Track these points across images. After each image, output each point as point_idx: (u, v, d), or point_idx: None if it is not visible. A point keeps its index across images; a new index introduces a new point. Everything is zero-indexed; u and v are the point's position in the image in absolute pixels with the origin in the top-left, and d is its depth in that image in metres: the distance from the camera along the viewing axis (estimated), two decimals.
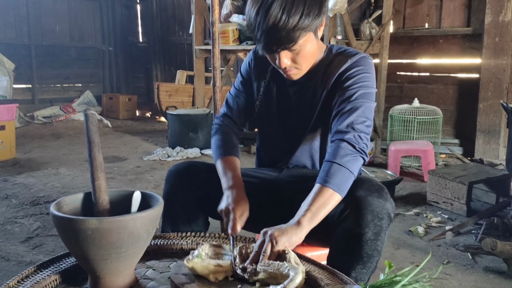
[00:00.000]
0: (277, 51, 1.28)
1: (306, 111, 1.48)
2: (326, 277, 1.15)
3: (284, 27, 1.21)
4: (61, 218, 1.01)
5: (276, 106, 1.54)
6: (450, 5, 4.41)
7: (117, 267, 1.05)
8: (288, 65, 1.33)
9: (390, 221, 1.28)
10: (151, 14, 8.00)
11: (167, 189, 1.52)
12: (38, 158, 4.53)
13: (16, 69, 6.63)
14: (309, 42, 1.30)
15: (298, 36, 1.23)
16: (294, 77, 1.39)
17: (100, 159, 1.13)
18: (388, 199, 1.27)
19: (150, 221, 1.05)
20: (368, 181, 1.30)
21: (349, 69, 1.38)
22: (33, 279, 1.12)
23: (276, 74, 1.51)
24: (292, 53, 1.30)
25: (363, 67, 1.38)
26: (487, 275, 2.09)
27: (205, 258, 1.10)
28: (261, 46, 1.28)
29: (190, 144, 4.74)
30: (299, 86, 1.48)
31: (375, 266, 1.30)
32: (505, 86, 3.95)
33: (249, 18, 1.28)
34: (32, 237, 2.54)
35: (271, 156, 1.63)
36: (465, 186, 2.82)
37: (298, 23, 1.21)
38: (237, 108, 1.61)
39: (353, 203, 1.25)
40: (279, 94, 1.53)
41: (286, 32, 1.21)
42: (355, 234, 1.25)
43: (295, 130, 1.53)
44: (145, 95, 8.37)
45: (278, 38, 1.23)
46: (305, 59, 1.34)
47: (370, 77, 1.38)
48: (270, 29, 1.22)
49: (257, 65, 1.57)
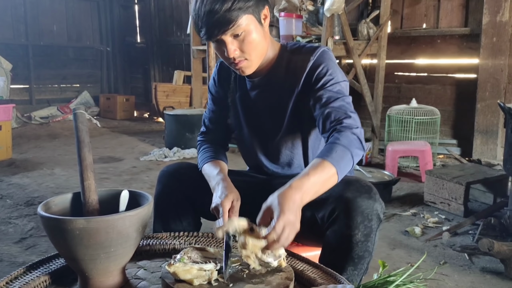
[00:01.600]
0: (219, 35, 1.27)
1: (276, 114, 1.47)
2: (319, 277, 1.14)
3: (219, 9, 1.23)
4: (48, 219, 0.99)
5: (243, 114, 1.53)
6: (447, 5, 4.40)
7: (106, 267, 1.04)
8: (236, 55, 1.31)
9: (379, 222, 1.27)
10: (149, 15, 7.99)
11: (159, 190, 1.51)
12: (34, 158, 4.51)
13: (14, 69, 6.61)
14: (252, 27, 1.29)
15: (236, 17, 1.25)
16: (246, 71, 1.37)
17: (90, 159, 1.12)
18: (377, 200, 1.26)
19: (140, 220, 1.03)
20: (357, 182, 1.29)
21: (315, 68, 1.37)
22: (23, 280, 1.11)
23: (239, 81, 1.52)
24: (237, 40, 1.29)
25: (327, 62, 1.37)
26: (484, 275, 2.08)
27: (188, 262, 1.06)
28: (203, 33, 1.29)
29: (187, 145, 4.73)
30: (260, 89, 1.47)
31: (366, 267, 1.29)
32: (503, 86, 3.94)
33: (192, 11, 1.32)
34: (25, 238, 2.52)
35: (253, 163, 1.62)
36: (463, 186, 2.81)
37: (233, 4, 1.24)
38: (215, 126, 1.63)
39: (342, 205, 1.24)
40: (244, 100, 1.52)
41: (223, 14, 1.23)
42: (345, 236, 1.24)
43: (267, 134, 1.51)
44: (143, 95, 8.35)
45: (216, 20, 1.24)
46: (252, 47, 1.31)
47: (338, 70, 1.38)
48: (207, 14, 1.24)
49: (220, 79, 1.58)
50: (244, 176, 1.60)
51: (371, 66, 4.90)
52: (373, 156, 4.38)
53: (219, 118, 1.61)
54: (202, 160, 1.53)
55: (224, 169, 1.48)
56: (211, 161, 1.50)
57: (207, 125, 1.65)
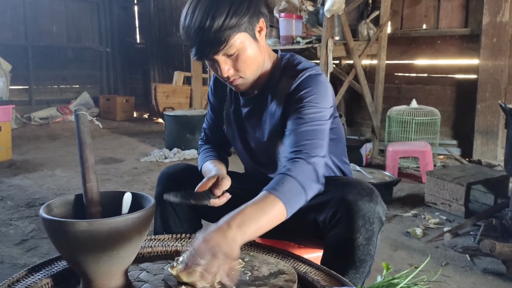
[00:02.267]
0: (210, 56, 1.21)
1: (259, 133, 1.43)
2: (322, 279, 1.14)
3: (210, 28, 1.16)
4: (50, 221, 0.99)
5: (236, 127, 1.51)
6: (447, 5, 4.40)
7: (109, 269, 1.03)
8: (230, 74, 1.26)
9: (381, 225, 1.26)
10: (148, 15, 7.98)
11: (159, 191, 1.50)
12: (34, 159, 4.51)
13: (13, 70, 6.60)
14: (246, 45, 1.23)
15: (227, 37, 1.18)
16: (241, 88, 1.33)
17: (92, 161, 1.11)
18: (379, 202, 1.25)
19: (142, 222, 1.03)
20: (358, 184, 1.28)
21: (297, 91, 1.29)
22: (25, 282, 1.10)
23: (234, 94, 1.48)
24: (231, 59, 1.24)
25: (311, 87, 1.28)
26: (486, 277, 2.08)
27: None
28: (194, 53, 1.23)
29: (187, 146, 4.72)
30: (251, 106, 1.43)
31: (368, 271, 1.29)
32: (503, 86, 3.94)
33: (181, 26, 1.25)
34: (26, 240, 2.51)
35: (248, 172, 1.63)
36: (463, 187, 2.80)
37: (224, 23, 1.16)
38: (214, 135, 1.63)
39: (344, 208, 1.23)
40: (237, 114, 1.49)
41: (214, 34, 1.16)
42: (347, 239, 1.24)
43: (254, 149, 1.50)
44: (142, 96, 8.35)
45: (206, 40, 1.18)
46: (247, 65, 1.26)
47: (320, 96, 1.28)
48: (197, 33, 1.18)
49: (216, 90, 1.56)
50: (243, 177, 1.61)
51: (371, 66, 4.90)
52: (373, 157, 4.38)
53: (216, 127, 1.60)
54: (202, 160, 1.54)
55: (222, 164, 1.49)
56: (210, 160, 1.50)
57: (206, 132, 1.65)
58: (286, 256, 1.27)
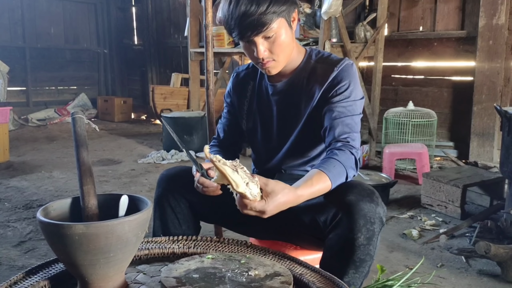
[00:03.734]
0: (252, 36, 1.31)
1: (290, 119, 1.51)
2: (318, 281, 1.15)
3: (254, 12, 1.27)
4: (47, 224, 0.99)
5: (260, 119, 1.58)
6: (444, 8, 4.42)
7: (106, 272, 1.04)
8: (265, 55, 1.36)
9: (382, 225, 1.28)
10: (146, 17, 7.99)
11: (159, 193, 1.52)
12: (31, 161, 4.51)
13: (11, 72, 6.61)
14: (283, 30, 1.34)
15: (270, 20, 1.29)
16: (272, 71, 1.42)
17: (89, 164, 1.12)
18: (380, 204, 1.27)
19: (139, 225, 1.04)
20: (359, 185, 1.31)
21: (337, 82, 1.40)
22: (22, 285, 1.11)
23: (258, 88, 1.57)
24: (268, 41, 1.34)
25: (350, 78, 1.41)
26: (481, 278, 2.09)
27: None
28: (236, 34, 1.33)
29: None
30: (282, 94, 1.51)
31: (368, 271, 1.30)
32: (499, 89, 3.96)
33: (223, 12, 1.34)
34: (24, 241, 2.52)
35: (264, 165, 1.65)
36: (459, 189, 2.82)
37: (268, 7, 1.27)
38: (227, 134, 1.68)
39: (345, 208, 1.25)
40: (262, 106, 1.57)
41: (258, 16, 1.27)
42: (348, 239, 1.25)
43: (277, 138, 1.55)
44: (140, 97, 8.35)
45: (250, 22, 1.28)
46: (281, 49, 1.36)
47: (357, 87, 1.42)
48: (242, 15, 1.28)
49: (237, 89, 1.63)
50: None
51: (368, 68, 4.92)
52: (370, 159, 4.39)
53: (233, 126, 1.67)
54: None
55: None
56: None
57: (220, 132, 1.70)
58: (282, 258, 1.28)
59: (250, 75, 1.60)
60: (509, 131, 2.41)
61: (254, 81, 1.58)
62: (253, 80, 1.58)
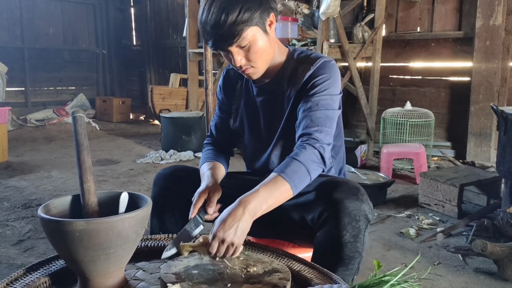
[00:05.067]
0: (225, 47, 1.32)
1: (273, 119, 1.52)
2: (316, 277, 1.16)
3: (224, 23, 1.27)
4: (48, 221, 1.01)
5: (247, 119, 1.59)
6: (441, 9, 4.45)
7: (106, 268, 1.06)
8: (242, 63, 1.37)
9: (368, 222, 1.30)
10: (145, 17, 8.00)
11: (155, 192, 1.54)
12: (30, 161, 4.51)
13: (9, 72, 6.60)
14: (257, 38, 1.33)
15: (240, 31, 1.28)
16: (253, 76, 1.42)
17: (89, 162, 1.14)
18: (365, 201, 1.30)
19: (139, 221, 1.05)
20: (345, 183, 1.33)
21: (312, 77, 1.40)
22: (22, 281, 1.12)
23: (245, 88, 1.58)
24: (243, 50, 1.34)
25: (326, 74, 1.40)
26: (478, 276, 2.11)
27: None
28: (210, 45, 1.34)
29: (183, 147, 4.74)
30: (265, 94, 1.52)
31: (357, 267, 1.32)
32: (496, 89, 3.98)
33: (198, 21, 1.36)
34: (23, 240, 2.53)
35: (253, 165, 1.66)
36: (457, 188, 2.84)
37: (237, 18, 1.27)
38: (220, 132, 1.69)
39: (331, 206, 1.28)
40: (249, 106, 1.57)
41: (228, 28, 1.27)
42: (334, 237, 1.28)
43: (264, 139, 1.56)
44: (139, 98, 8.35)
45: (221, 34, 1.28)
46: (258, 56, 1.36)
47: (334, 83, 1.41)
48: (212, 27, 1.29)
49: (226, 87, 1.64)
50: (242, 176, 1.65)
51: (366, 69, 4.94)
52: (368, 158, 4.41)
53: (225, 124, 1.67)
54: (202, 161, 1.59)
55: (217, 168, 1.53)
56: (208, 161, 1.55)
57: (212, 130, 1.71)
58: (280, 255, 1.29)
59: (238, 75, 1.59)
60: (506, 131, 2.43)
61: (242, 80, 1.59)
62: (241, 80, 1.59)
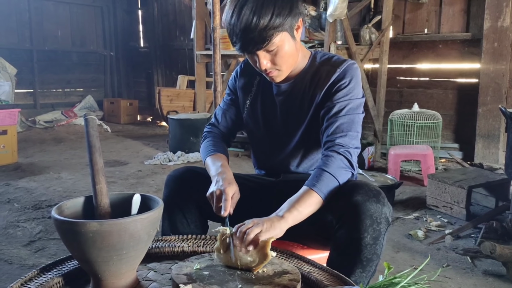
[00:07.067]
0: (253, 51, 1.33)
1: (293, 120, 1.52)
2: (326, 278, 1.17)
3: (255, 27, 1.27)
4: (62, 222, 1.02)
5: (262, 117, 1.59)
6: (449, 10, 4.44)
7: (118, 269, 1.07)
8: (268, 67, 1.37)
9: (388, 225, 1.29)
10: (152, 20, 8.04)
11: (167, 193, 1.55)
12: (39, 162, 4.55)
13: (18, 74, 6.66)
14: (285, 42, 1.34)
15: (271, 36, 1.29)
16: (276, 79, 1.43)
17: (101, 164, 1.15)
18: (386, 204, 1.29)
19: (151, 223, 1.06)
20: (366, 185, 1.32)
21: (338, 81, 1.42)
22: (36, 281, 1.14)
23: (262, 85, 1.57)
24: (270, 54, 1.35)
25: (351, 78, 1.42)
26: (486, 278, 2.10)
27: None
28: (238, 47, 1.34)
29: (191, 149, 4.76)
30: (286, 95, 1.53)
31: (374, 270, 1.32)
32: (504, 90, 3.97)
33: (226, 22, 1.35)
34: (34, 241, 2.55)
35: (265, 164, 1.67)
36: (465, 190, 2.83)
37: (269, 23, 1.27)
38: (225, 120, 1.68)
39: (351, 209, 1.27)
40: (266, 104, 1.57)
41: (259, 32, 1.27)
42: (354, 239, 1.27)
43: (281, 139, 1.57)
44: (146, 99, 8.39)
45: (251, 38, 1.28)
46: (284, 60, 1.37)
47: (357, 87, 1.43)
48: (243, 30, 1.28)
49: (242, 80, 1.63)
50: (250, 182, 1.64)
51: (373, 70, 4.93)
52: (375, 160, 4.40)
53: (230, 113, 1.67)
54: (204, 153, 1.59)
55: (226, 161, 1.54)
56: (213, 155, 1.55)
57: (217, 117, 1.71)
58: (290, 257, 1.30)
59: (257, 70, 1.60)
60: None
61: (260, 76, 1.57)
62: (259, 76, 1.57)
